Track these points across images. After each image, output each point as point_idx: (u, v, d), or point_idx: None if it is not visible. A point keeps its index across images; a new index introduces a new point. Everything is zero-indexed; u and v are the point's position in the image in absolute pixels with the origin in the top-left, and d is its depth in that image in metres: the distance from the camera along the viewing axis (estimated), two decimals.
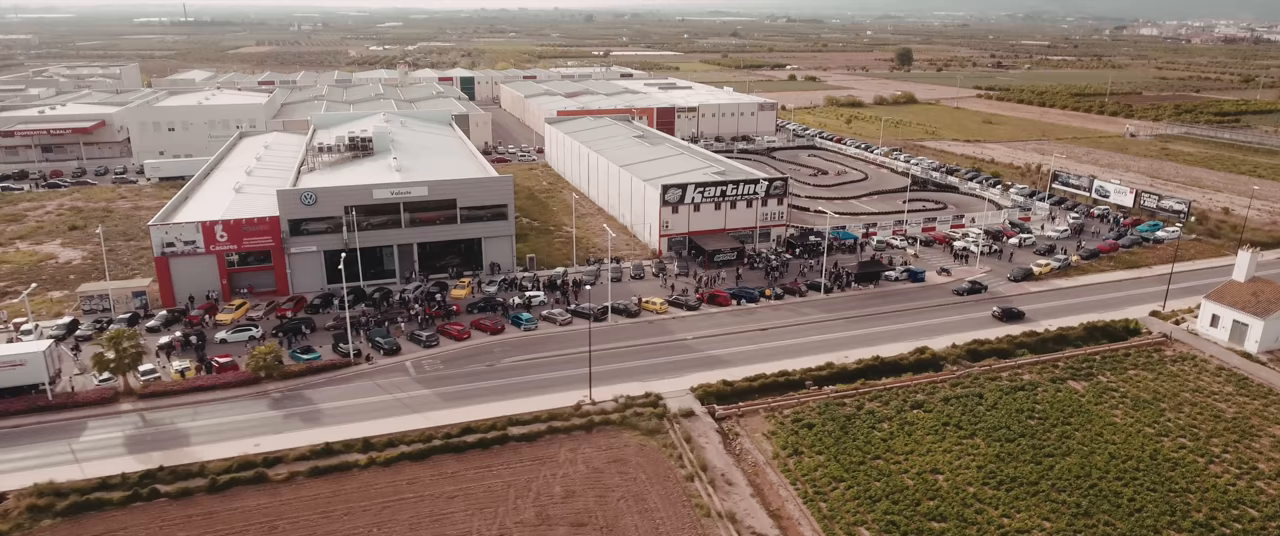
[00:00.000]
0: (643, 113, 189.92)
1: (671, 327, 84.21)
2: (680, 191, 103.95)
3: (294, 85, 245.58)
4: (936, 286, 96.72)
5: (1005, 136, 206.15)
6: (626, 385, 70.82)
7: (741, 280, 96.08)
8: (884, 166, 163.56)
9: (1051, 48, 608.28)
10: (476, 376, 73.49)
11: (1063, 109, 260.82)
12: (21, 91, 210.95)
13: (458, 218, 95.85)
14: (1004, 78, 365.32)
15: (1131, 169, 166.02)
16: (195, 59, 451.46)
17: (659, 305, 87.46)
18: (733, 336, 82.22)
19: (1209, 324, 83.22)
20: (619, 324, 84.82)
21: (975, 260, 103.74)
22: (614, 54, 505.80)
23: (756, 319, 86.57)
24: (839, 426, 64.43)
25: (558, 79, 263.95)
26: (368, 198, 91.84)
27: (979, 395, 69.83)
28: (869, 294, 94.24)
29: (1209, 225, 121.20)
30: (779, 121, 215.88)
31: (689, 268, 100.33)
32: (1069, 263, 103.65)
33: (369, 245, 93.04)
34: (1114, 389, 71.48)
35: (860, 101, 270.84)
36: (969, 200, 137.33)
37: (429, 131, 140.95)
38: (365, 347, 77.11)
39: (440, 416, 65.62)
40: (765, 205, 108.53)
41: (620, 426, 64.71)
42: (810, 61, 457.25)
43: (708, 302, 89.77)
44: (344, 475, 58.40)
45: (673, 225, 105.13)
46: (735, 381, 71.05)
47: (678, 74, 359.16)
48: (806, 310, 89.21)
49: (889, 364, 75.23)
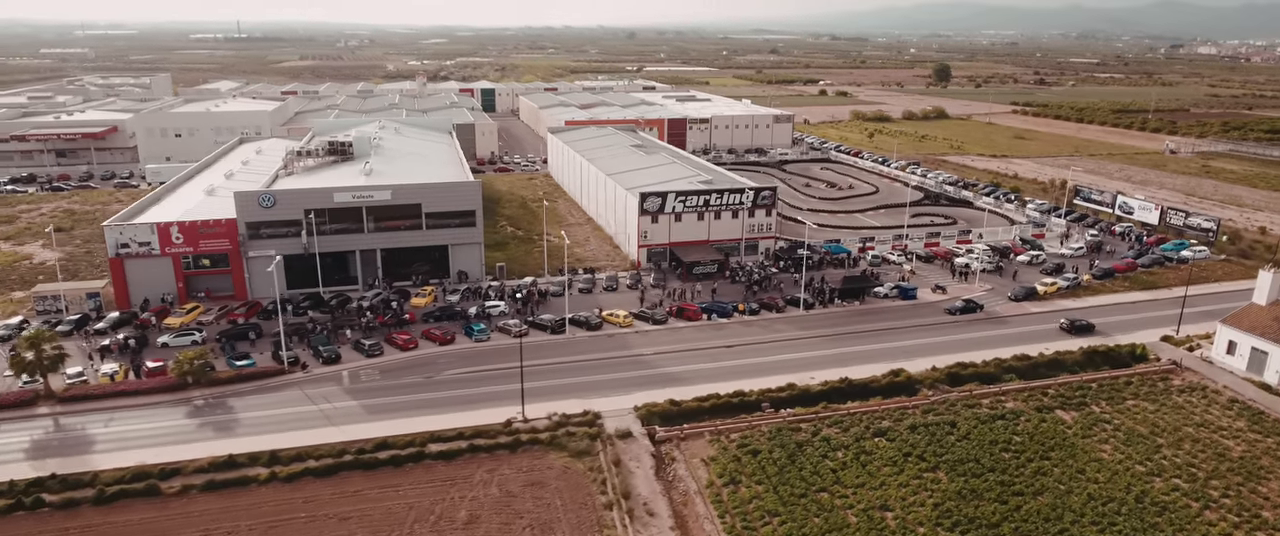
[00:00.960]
0: (653, 124, 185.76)
1: (632, 342, 79.10)
2: (660, 200, 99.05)
3: (316, 95, 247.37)
4: (928, 304, 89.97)
5: (1035, 152, 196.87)
6: (567, 402, 65.90)
7: (717, 295, 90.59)
8: (898, 180, 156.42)
9: (1100, 65, 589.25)
10: (412, 388, 69.31)
11: (1101, 125, 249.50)
12: (49, 98, 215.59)
13: (423, 223, 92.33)
14: (1044, 94, 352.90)
15: (1166, 186, 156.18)
16: (238, 72, 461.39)
17: (622, 318, 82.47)
18: (695, 353, 76.77)
19: (1225, 351, 75.21)
20: (576, 337, 79.99)
21: (975, 278, 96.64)
22: (648, 69, 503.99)
23: (725, 335, 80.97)
24: (787, 454, 58.56)
25: (578, 91, 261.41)
26: (328, 201, 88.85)
27: (951, 423, 63.27)
28: (853, 311, 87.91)
29: (1242, 245, 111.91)
30: (797, 134, 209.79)
31: (665, 280, 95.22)
32: (1079, 282, 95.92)
33: (330, 250, 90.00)
34: (1107, 421, 64.24)
35: (888, 116, 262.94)
36: (982, 215, 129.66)
37: (423, 139, 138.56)
38: (305, 356, 73.60)
39: (360, 430, 61.46)
40: (752, 216, 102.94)
41: (548, 447, 59.79)
42: (845, 77, 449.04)
43: (676, 316, 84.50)
44: (241, 490, 54.48)
45: (652, 235, 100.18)
46: (684, 401, 65.63)
47: (709, 88, 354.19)
48: (781, 327, 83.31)
49: (858, 386, 69.03)
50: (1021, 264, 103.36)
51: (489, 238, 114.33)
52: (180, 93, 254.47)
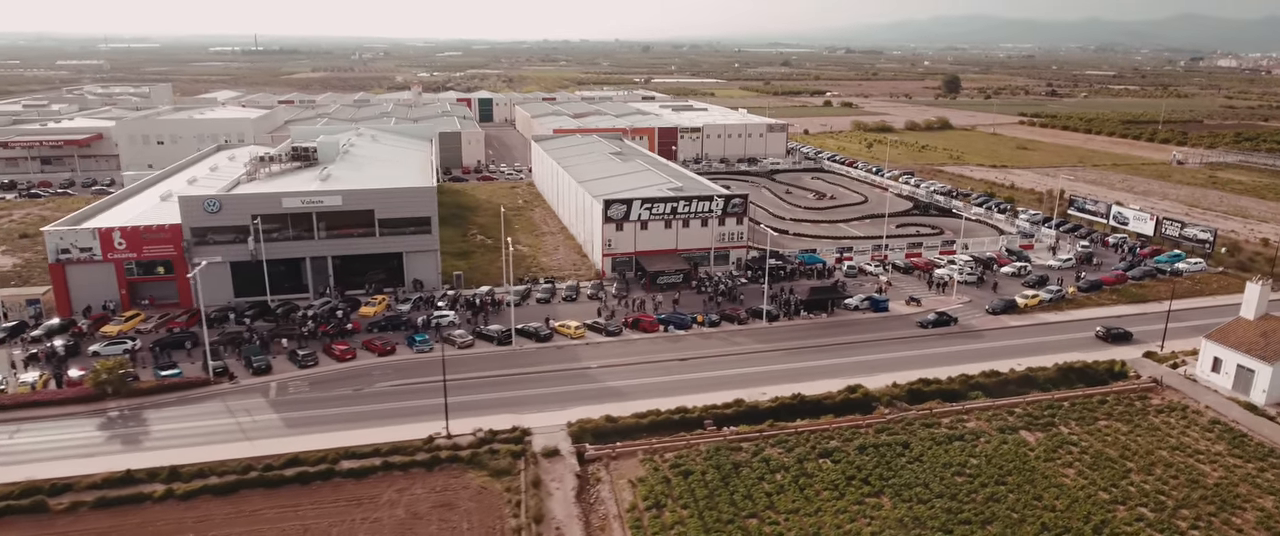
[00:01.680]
0: (643, 133, 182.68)
1: (581, 354, 75.40)
2: (624, 207, 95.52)
3: (313, 104, 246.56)
4: (900, 317, 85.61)
5: (1037, 162, 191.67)
6: (498, 417, 62.28)
7: (678, 305, 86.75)
8: (889, 190, 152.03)
9: (1116, 78, 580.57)
10: (340, 401, 65.92)
11: (1109, 136, 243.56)
12: (44, 106, 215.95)
13: (376, 230, 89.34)
14: (1055, 105, 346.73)
15: (1169, 197, 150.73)
16: (249, 83, 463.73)
17: (573, 329, 78.83)
18: (645, 366, 72.93)
19: (1210, 368, 70.39)
20: (523, 348, 76.42)
21: (953, 289, 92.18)
22: (656, 81, 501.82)
23: (680, 348, 77.08)
24: (722, 475, 54.54)
25: (576, 101, 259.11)
26: (277, 206, 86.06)
27: (905, 444, 58.97)
28: (820, 324, 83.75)
29: (1241, 257, 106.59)
30: (793, 144, 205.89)
31: (628, 290, 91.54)
32: (1063, 295, 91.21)
33: (280, 257, 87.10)
34: (1074, 442, 59.68)
35: (890, 127, 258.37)
36: (971, 225, 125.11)
37: (399, 146, 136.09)
38: (236, 366, 70.53)
39: (274, 445, 58.11)
40: (722, 225, 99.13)
41: (468, 465, 56.14)
42: (853, 89, 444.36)
43: (632, 328, 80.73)
44: (133, 508, 51.19)
45: (617, 244, 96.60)
46: (621, 417, 61.83)
47: (713, 100, 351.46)
48: (741, 340, 79.29)
49: (810, 403, 64.90)
50: (1005, 276, 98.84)
51: (457, 246, 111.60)
52: (179, 102, 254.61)
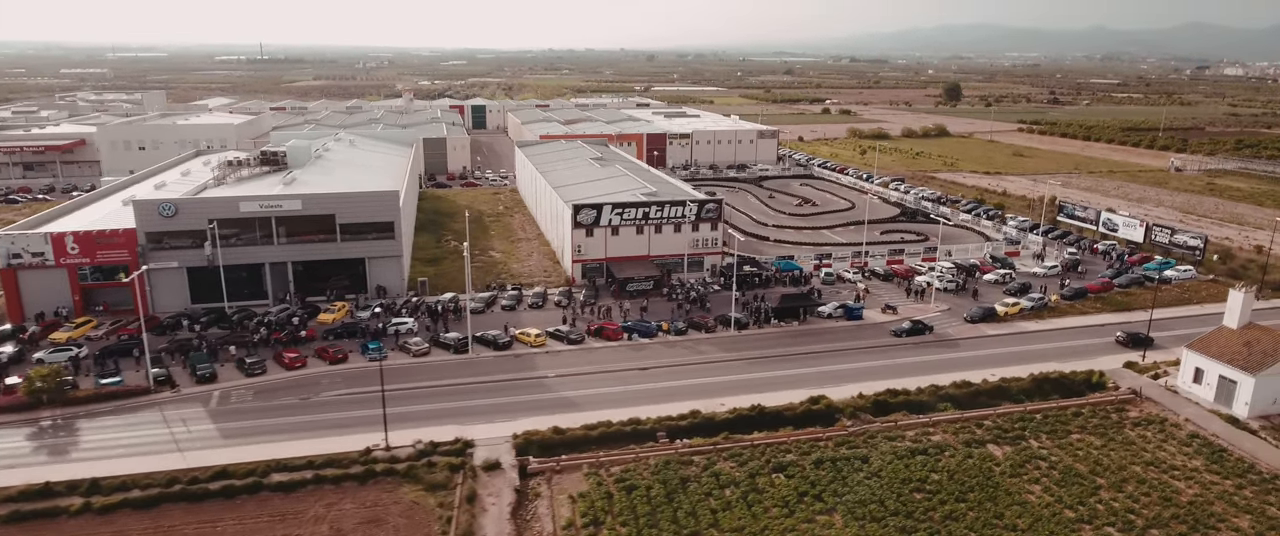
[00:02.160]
0: (631, 139, 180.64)
1: (539, 363, 72.91)
2: (594, 212, 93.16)
3: (304, 111, 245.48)
4: (875, 325, 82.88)
5: (1031, 169, 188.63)
6: (443, 427, 59.81)
7: (646, 313, 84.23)
8: (870, 194, 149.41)
9: (1120, 86, 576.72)
10: (283, 411, 63.59)
11: (1108, 143, 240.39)
12: (33, 113, 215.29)
13: (338, 235, 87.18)
14: (1056, 113, 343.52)
15: (1164, 203, 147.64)
16: (249, 91, 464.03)
17: (533, 338, 76.37)
18: (603, 376, 70.37)
19: (1192, 379, 67.45)
20: (480, 356, 74.00)
21: (931, 297, 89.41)
22: (657, 89, 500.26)
23: (643, 356, 74.52)
24: (668, 491, 51.90)
25: (571, 108, 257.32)
26: (234, 211, 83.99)
27: (864, 458, 56.23)
28: (790, 332, 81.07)
29: (1233, 264, 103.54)
30: (786, 150, 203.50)
31: (596, 297, 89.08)
32: (1045, 302, 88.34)
33: (238, 262, 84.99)
34: (1043, 457, 56.83)
35: (886, 134, 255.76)
36: (957, 232, 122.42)
37: (378, 151, 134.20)
38: (179, 374, 68.30)
39: (204, 457, 55.76)
40: (696, 230, 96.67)
41: (403, 478, 53.64)
42: (853, 97, 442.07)
43: (595, 336, 78.23)
44: (47, 522, 48.87)
45: (587, 249, 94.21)
46: (570, 429, 59.29)
47: (713, 107, 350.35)
48: (706, 349, 76.69)
49: (770, 415, 62.24)
50: (987, 283, 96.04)
51: (430, 252, 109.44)
52: (172, 109, 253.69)
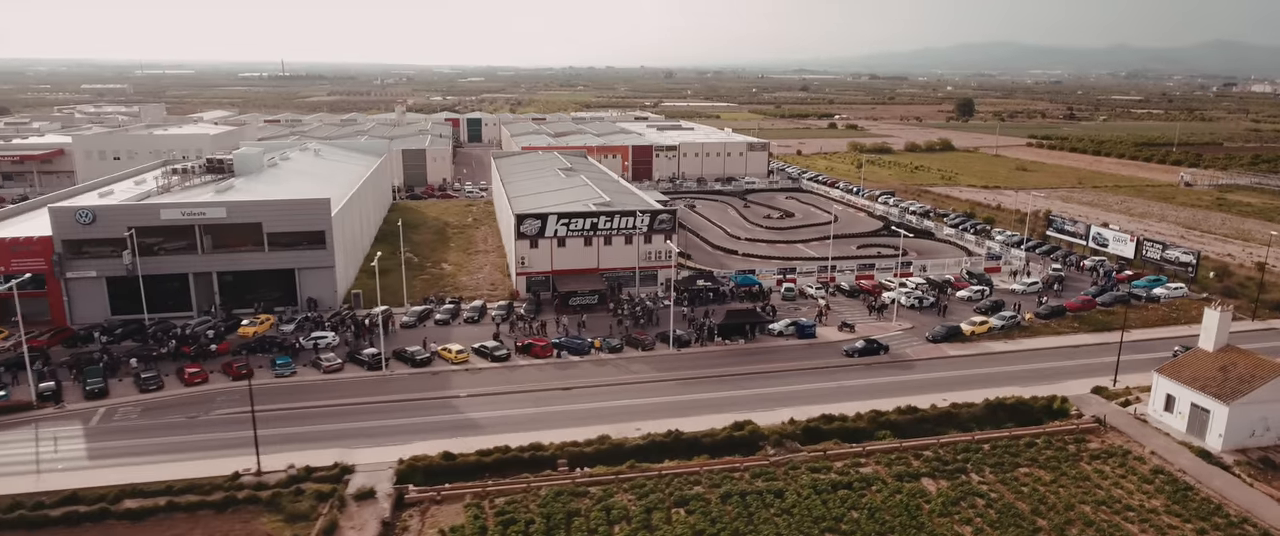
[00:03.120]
0: (616, 151, 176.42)
1: (454, 381, 68.01)
2: (538, 223, 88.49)
3: (299, 123, 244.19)
4: (829, 344, 77.08)
5: (1033, 183, 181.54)
6: (325, 451, 55.00)
7: (585, 329, 79.15)
8: (863, 210, 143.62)
9: (1142, 102, 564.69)
10: (166, 430, 59.15)
11: (1119, 158, 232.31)
12: (25, 124, 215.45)
13: (265, 244, 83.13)
14: (1070, 129, 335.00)
15: (1167, 219, 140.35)
16: (264, 106, 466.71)
17: (454, 354, 71.52)
18: (519, 396, 65.31)
19: (1163, 407, 61.07)
20: (395, 374, 69.25)
21: (893, 314, 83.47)
22: (666, 103, 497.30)
23: (568, 376, 69.37)
24: (550, 527, 46.58)
25: (567, 122, 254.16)
26: (154, 218, 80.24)
27: (779, 492, 50.54)
28: (735, 350, 75.55)
29: (1231, 282, 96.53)
30: (779, 164, 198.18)
31: (537, 311, 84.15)
32: (1019, 321, 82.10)
33: (161, 272, 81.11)
34: (982, 493, 50.80)
35: (889, 148, 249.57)
36: (939, 246, 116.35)
37: (342, 161, 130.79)
38: (71, 389, 64.29)
39: (60, 480, 51.34)
40: (649, 242, 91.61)
41: (264, 507, 48.80)
42: (864, 112, 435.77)
43: (523, 353, 73.24)
44: None
45: (532, 262, 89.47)
46: (462, 454, 54.22)
47: (719, 122, 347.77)
48: (639, 367, 71.37)
49: (686, 441, 56.79)
50: (960, 300, 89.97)
51: (381, 264, 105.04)
52: (168, 121, 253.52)
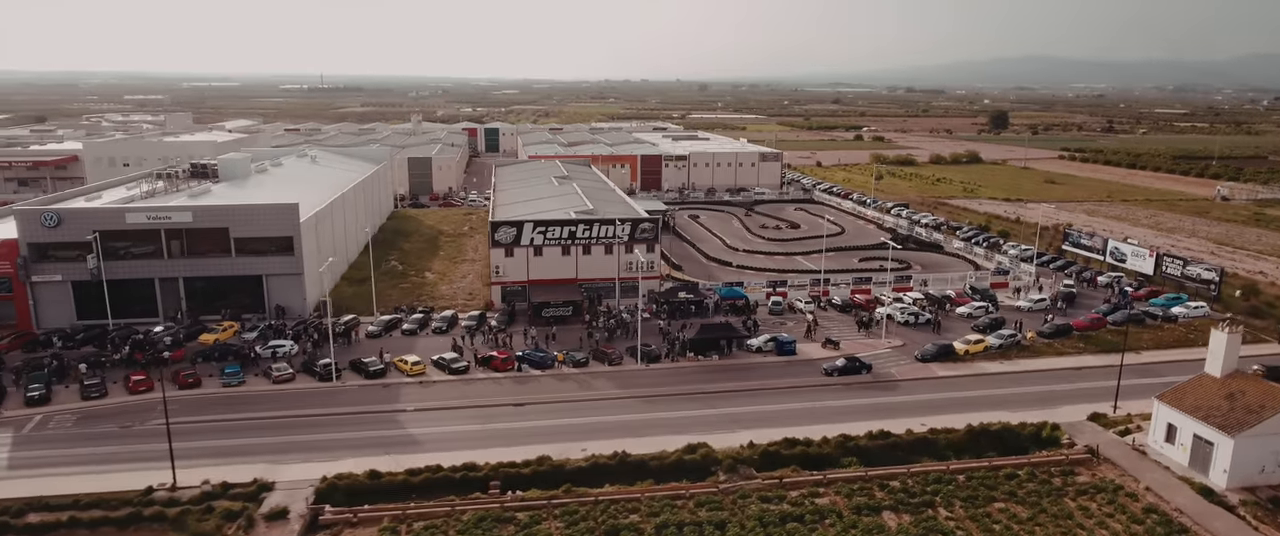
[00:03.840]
0: (624, 160, 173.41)
1: (405, 395, 64.86)
2: (514, 231, 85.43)
3: (318, 131, 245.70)
4: (809, 362, 72.49)
5: (1058, 196, 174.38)
6: (251, 466, 52.08)
7: (553, 342, 75.61)
8: (873, 222, 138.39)
9: (1187, 116, 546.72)
10: (97, 439, 56.93)
11: (1153, 171, 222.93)
12: (51, 132, 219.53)
13: (232, 250, 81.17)
14: (1107, 142, 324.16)
15: (1198, 234, 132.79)
16: (295, 117, 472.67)
17: (410, 366, 68.46)
18: (469, 411, 61.90)
19: (1164, 437, 55.53)
20: (346, 385, 66.34)
21: (883, 330, 78.56)
22: (694, 116, 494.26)
23: (526, 391, 65.83)
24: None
25: (583, 132, 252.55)
26: (120, 222, 78.77)
27: (721, 524, 46.25)
28: (707, 367, 71.36)
29: (1258, 302, 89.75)
30: (794, 175, 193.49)
31: (510, 322, 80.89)
32: (1019, 340, 76.65)
33: (126, 277, 79.53)
34: (946, 531, 45.99)
35: (913, 160, 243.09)
36: (947, 260, 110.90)
37: (338, 167, 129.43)
38: (13, 394, 62.52)
39: None
40: (630, 252, 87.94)
41: (169, 526, 45.93)
42: (894, 124, 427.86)
43: (482, 365, 69.92)
44: None
45: (508, 271, 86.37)
46: (390, 473, 50.91)
47: (744, 134, 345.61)
48: (602, 384, 67.55)
49: (632, 464, 52.78)
50: (960, 317, 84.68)
51: (364, 272, 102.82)
52: (193, 128, 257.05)
